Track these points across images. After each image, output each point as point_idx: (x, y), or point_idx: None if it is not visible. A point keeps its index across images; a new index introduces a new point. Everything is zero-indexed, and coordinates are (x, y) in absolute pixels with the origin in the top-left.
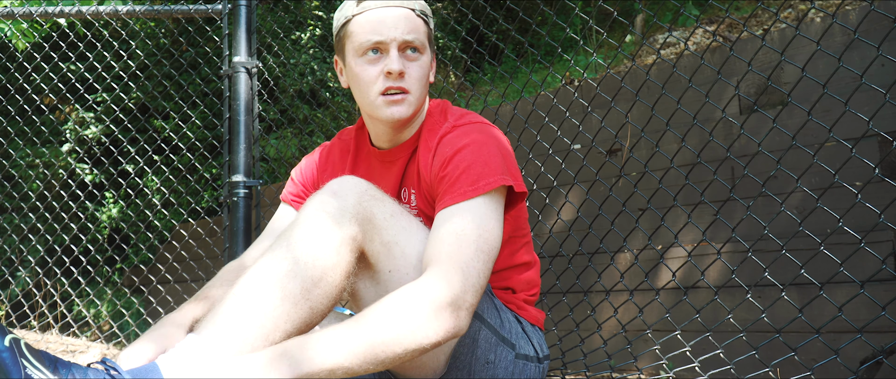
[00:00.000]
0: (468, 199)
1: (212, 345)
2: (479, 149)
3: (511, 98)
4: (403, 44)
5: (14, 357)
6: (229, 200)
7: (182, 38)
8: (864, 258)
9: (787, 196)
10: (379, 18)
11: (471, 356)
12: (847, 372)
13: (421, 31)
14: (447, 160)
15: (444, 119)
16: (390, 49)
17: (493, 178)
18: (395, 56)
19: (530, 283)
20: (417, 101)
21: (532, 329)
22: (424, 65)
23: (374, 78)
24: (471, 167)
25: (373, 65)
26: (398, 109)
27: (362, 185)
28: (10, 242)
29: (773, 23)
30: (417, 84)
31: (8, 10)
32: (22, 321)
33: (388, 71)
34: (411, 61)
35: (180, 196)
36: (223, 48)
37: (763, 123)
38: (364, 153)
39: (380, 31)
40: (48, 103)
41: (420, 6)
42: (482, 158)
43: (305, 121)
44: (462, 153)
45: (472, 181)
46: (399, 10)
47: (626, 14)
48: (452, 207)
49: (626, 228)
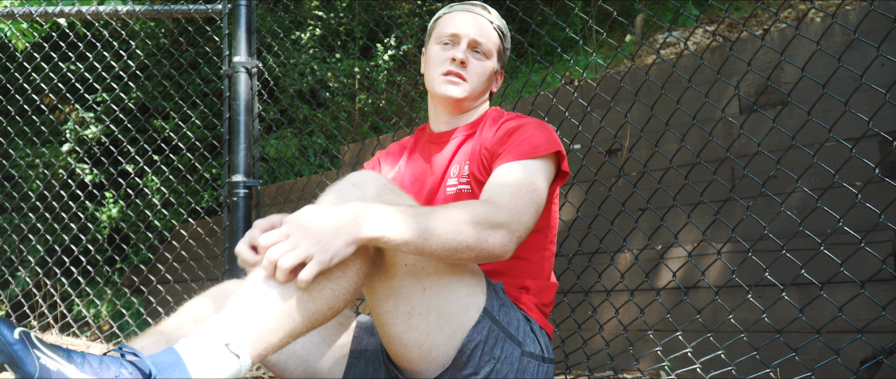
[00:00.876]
0: (528, 158)
1: (229, 329)
2: (538, 127)
3: (511, 98)
4: (472, 42)
5: (26, 349)
6: (229, 200)
7: (182, 38)
8: (864, 258)
9: (787, 196)
10: (461, 17)
11: (478, 351)
12: (847, 372)
13: (492, 39)
14: (510, 131)
15: (503, 114)
16: (461, 42)
17: (549, 147)
18: (463, 47)
19: (544, 291)
20: (473, 91)
21: (540, 330)
22: (487, 66)
23: (442, 60)
24: (532, 137)
25: (444, 50)
26: (452, 88)
27: (382, 180)
28: (10, 242)
29: (773, 23)
30: (476, 77)
31: (8, 10)
32: (22, 321)
33: (454, 57)
34: (476, 58)
35: (180, 196)
36: (223, 48)
37: (763, 123)
38: (422, 141)
39: (460, 26)
40: (48, 103)
41: (499, 23)
42: (541, 135)
43: (305, 121)
44: (524, 128)
45: (533, 146)
46: (481, 18)
47: (626, 14)
48: (514, 162)
49: (626, 228)
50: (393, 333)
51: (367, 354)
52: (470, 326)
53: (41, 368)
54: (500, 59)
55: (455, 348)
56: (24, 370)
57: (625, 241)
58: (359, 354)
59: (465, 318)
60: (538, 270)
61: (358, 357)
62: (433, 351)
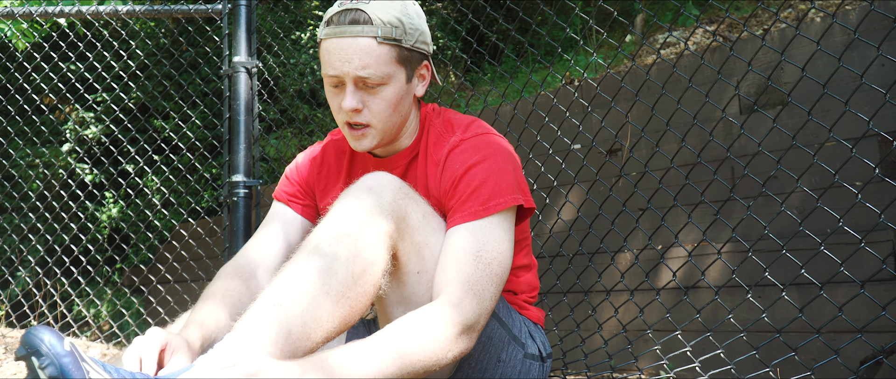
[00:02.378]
0: (481, 218)
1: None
2: (490, 166)
3: (511, 98)
4: (357, 79)
5: (76, 362)
6: (229, 200)
7: (182, 38)
8: (864, 258)
9: (787, 196)
10: (335, 51)
11: (484, 354)
12: (847, 372)
13: (383, 60)
14: (459, 177)
15: (449, 130)
16: (347, 83)
17: (505, 198)
18: (351, 91)
19: (530, 284)
20: (384, 130)
21: (535, 328)
22: (389, 95)
23: (337, 108)
24: (483, 185)
25: (335, 96)
26: (361, 143)
27: (397, 183)
28: (10, 242)
29: (773, 23)
30: (381, 116)
31: (8, 10)
32: (22, 321)
33: (345, 108)
34: (372, 95)
35: (180, 196)
36: (223, 48)
37: (763, 123)
38: (360, 157)
39: (334, 65)
40: (48, 103)
41: (386, 30)
42: (494, 176)
43: (305, 121)
44: (474, 170)
45: (485, 200)
46: (356, 42)
47: (626, 14)
48: (466, 225)
49: (627, 228)
50: None
51: None
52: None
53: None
54: (406, 65)
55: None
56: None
57: (625, 241)
58: None
59: None
60: (517, 274)
61: None
62: None
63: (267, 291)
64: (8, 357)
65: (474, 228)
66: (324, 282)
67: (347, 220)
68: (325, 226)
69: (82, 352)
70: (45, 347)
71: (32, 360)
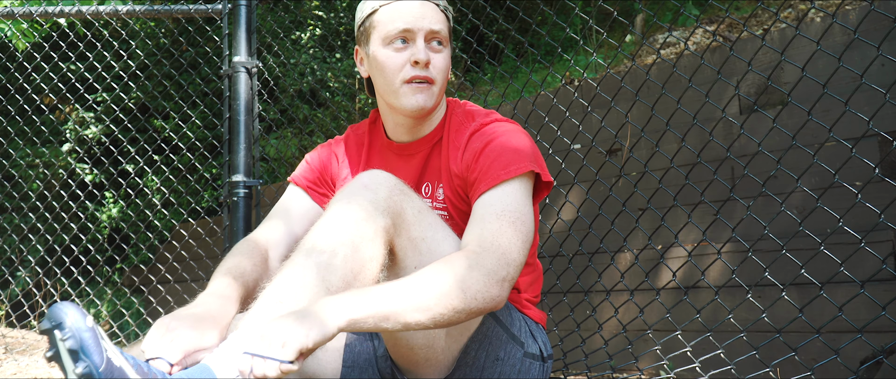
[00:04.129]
0: (502, 181)
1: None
2: (509, 139)
3: (511, 98)
4: (430, 34)
5: (96, 338)
6: (229, 200)
7: (182, 38)
8: (864, 258)
9: (787, 196)
10: (407, 9)
11: (482, 353)
12: (847, 372)
13: (445, 25)
14: (479, 151)
15: (469, 118)
16: (418, 38)
17: (524, 164)
18: (422, 46)
19: (534, 284)
20: (440, 93)
21: (537, 328)
22: (447, 58)
23: (400, 65)
24: (502, 154)
25: (399, 53)
26: (422, 98)
27: (392, 180)
28: (10, 241)
29: (773, 23)
30: (441, 75)
31: (8, 10)
32: (22, 321)
33: (415, 60)
34: (436, 53)
35: (180, 196)
36: (223, 48)
37: (763, 123)
38: (379, 146)
39: (408, 20)
40: (48, 103)
41: (444, 3)
42: (512, 146)
43: (305, 121)
44: (493, 143)
45: (505, 165)
46: (426, 4)
47: (626, 14)
48: (489, 191)
49: (627, 228)
50: (401, 336)
51: (361, 361)
52: (474, 327)
53: (107, 362)
54: (450, 40)
55: (460, 349)
56: (90, 359)
57: (625, 241)
58: (352, 364)
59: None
60: (522, 272)
61: (351, 367)
62: (439, 353)
63: (268, 289)
64: (8, 357)
65: (497, 192)
66: (323, 278)
67: (344, 217)
68: (322, 224)
69: (102, 332)
70: (69, 320)
71: (55, 333)
